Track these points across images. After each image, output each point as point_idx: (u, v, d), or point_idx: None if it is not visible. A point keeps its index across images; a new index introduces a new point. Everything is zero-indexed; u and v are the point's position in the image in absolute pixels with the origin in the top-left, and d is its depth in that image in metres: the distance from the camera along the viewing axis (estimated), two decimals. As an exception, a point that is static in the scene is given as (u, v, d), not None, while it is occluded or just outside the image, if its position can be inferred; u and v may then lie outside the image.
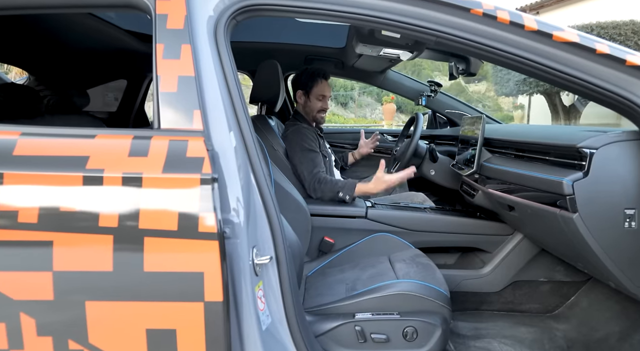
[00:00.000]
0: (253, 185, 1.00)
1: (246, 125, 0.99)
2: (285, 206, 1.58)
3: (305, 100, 2.06)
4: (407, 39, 1.50)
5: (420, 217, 1.77)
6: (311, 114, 2.06)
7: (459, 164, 1.90)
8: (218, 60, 1.01)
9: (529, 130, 1.59)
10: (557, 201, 1.12)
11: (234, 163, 0.95)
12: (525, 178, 1.28)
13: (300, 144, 1.90)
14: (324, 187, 1.81)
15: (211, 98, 0.98)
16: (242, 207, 0.95)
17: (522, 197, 1.34)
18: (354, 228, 1.77)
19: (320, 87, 2.03)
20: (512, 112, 16.80)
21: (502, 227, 1.74)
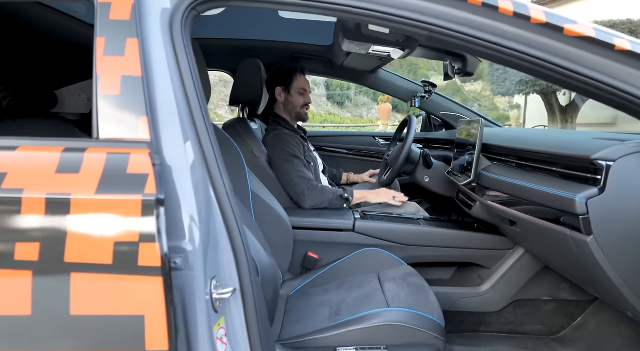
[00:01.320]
0: (214, 205, 0.85)
1: (206, 136, 0.84)
2: (264, 219, 1.44)
3: (285, 96, 1.92)
4: (397, 35, 1.35)
5: (413, 231, 1.62)
6: (294, 111, 1.93)
7: (454, 171, 1.76)
8: (174, 58, 0.85)
9: (533, 137, 1.44)
10: (567, 219, 0.98)
11: (189, 180, 0.80)
12: (529, 192, 1.13)
13: (283, 151, 1.76)
14: (320, 194, 1.71)
15: (163, 103, 0.82)
16: (199, 232, 0.80)
17: (525, 212, 1.19)
18: (340, 242, 1.62)
19: (301, 81, 1.91)
20: (509, 112, 16.76)
21: (501, 240, 1.59)
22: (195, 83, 0.86)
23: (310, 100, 1.97)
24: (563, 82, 0.89)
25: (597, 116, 11.50)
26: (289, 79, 1.90)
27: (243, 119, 1.89)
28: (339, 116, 17.94)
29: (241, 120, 1.88)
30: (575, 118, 11.17)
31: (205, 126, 0.85)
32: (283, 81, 1.91)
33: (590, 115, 11.18)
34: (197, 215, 0.79)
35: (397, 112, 17.22)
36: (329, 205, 1.72)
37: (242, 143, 1.80)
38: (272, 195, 1.52)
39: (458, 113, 2.32)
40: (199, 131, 0.84)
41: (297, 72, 1.91)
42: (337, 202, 1.73)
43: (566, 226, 0.98)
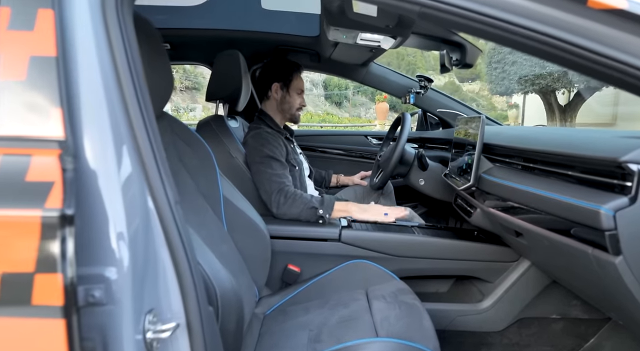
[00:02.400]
0: (153, 220, 0.67)
1: (145, 136, 0.67)
2: (237, 228, 1.27)
3: (283, 94, 1.74)
4: (385, 19, 1.18)
5: (406, 241, 1.45)
6: (289, 112, 1.76)
7: (452, 174, 1.59)
8: (104, 36, 0.67)
9: (541, 135, 1.27)
10: (589, 234, 0.81)
11: (117, 189, 0.63)
12: (539, 200, 0.96)
13: (259, 151, 1.58)
14: (292, 204, 1.50)
15: (86, 93, 0.64)
16: (129, 254, 0.62)
17: (533, 222, 1.02)
18: (324, 253, 1.45)
19: (299, 81, 1.75)
20: (507, 111, 16.66)
21: (505, 251, 1.42)
22: (134, 71, 0.68)
23: (305, 103, 1.81)
24: (586, 68, 0.71)
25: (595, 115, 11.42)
26: (289, 77, 1.73)
27: (220, 116, 1.72)
28: (336, 116, 17.82)
29: (218, 117, 1.71)
30: (574, 118, 11.07)
31: (145, 124, 0.67)
32: (282, 77, 1.74)
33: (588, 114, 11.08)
34: (128, 233, 0.62)
35: (395, 112, 17.09)
36: (299, 217, 1.49)
37: (216, 143, 1.62)
38: (246, 201, 1.35)
39: (456, 110, 2.15)
40: (135, 130, 0.67)
41: (297, 70, 1.75)
42: (309, 215, 1.49)
43: (587, 242, 0.81)
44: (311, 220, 1.49)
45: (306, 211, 1.49)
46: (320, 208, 1.48)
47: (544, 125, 11.81)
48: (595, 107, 11.04)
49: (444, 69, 1.52)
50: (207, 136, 1.65)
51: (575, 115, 10.94)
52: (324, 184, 2.14)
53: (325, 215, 1.48)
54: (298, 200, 1.50)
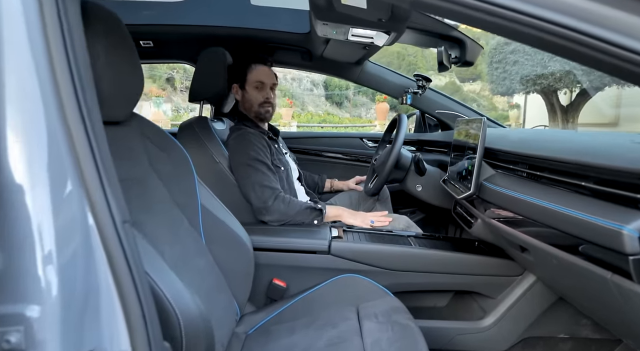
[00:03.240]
0: (96, 244, 0.57)
1: (85, 145, 0.57)
2: (216, 240, 1.16)
3: (242, 93, 1.64)
4: (376, 12, 1.07)
5: (401, 253, 1.34)
6: (252, 109, 1.63)
7: (451, 180, 1.47)
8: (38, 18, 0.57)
9: (549, 139, 1.16)
10: (608, 257, 0.70)
11: (48, 208, 0.53)
12: (547, 214, 0.85)
13: (245, 154, 1.48)
14: (284, 206, 1.43)
15: (13, 96, 0.54)
16: (60, 286, 0.51)
17: (541, 238, 0.91)
18: (313, 266, 1.34)
19: (257, 73, 1.60)
20: (508, 112, 16.53)
21: (508, 265, 1.31)
22: (75, 70, 0.57)
23: (271, 96, 1.63)
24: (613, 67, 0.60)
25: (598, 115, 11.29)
26: (242, 72, 1.61)
27: (203, 118, 1.61)
28: (337, 116, 17.71)
29: (201, 119, 1.60)
30: (576, 118, 10.94)
31: (86, 131, 0.57)
32: (236, 76, 1.63)
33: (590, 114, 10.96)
34: (60, 259, 0.51)
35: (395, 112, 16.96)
36: (295, 218, 1.45)
37: (198, 146, 1.52)
38: (227, 211, 1.24)
39: (455, 111, 2.04)
40: (73, 137, 0.56)
41: (253, 63, 1.61)
42: (306, 215, 1.46)
43: (605, 266, 0.70)
44: (307, 220, 1.46)
45: (304, 211, 1.46)
46: (318, 205, 1.47)
47: (546, 125, 11.69)
48: (598, 107, 10.92)
49: (442, 67, 1.41)
50: (189, 139, 1.55)
51: (578, 115, 10.83)
52: (317, 189, 2.02)
53: (323, 209, 1.47)
54: (294, 202, 1.46)
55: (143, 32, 1.85)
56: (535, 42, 0.67)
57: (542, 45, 0.66)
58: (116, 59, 0.87)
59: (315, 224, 1.46)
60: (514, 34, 0.67)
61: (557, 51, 0.65)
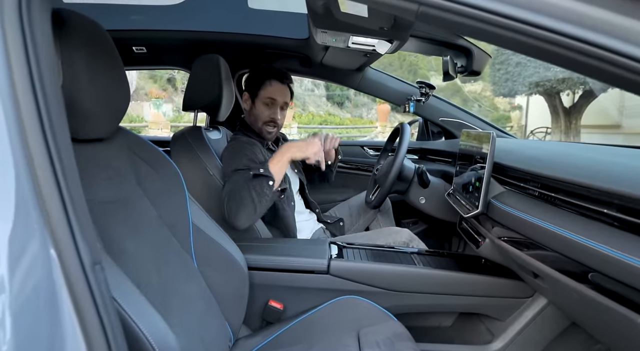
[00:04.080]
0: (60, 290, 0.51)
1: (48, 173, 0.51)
2: (209, 261, 1.09)
3: (250, 105, 1.57)
4: (378, 21, 1.00)
5: (404, 273, 1.27)
6: (256, 125, 1.57)
7: (456, 194, 1.41)
8: None
9: (565, 156, 1.09)
10: (635, 296, 0.63)
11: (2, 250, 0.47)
12: (564, 243, 0.78)
13: (236, 162, 1.40)
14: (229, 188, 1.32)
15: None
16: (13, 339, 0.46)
17: (557, 268, 0.84)
18: (311, 287, 1.27)
19: (270, 90, 1.52)
20: (510, 113, 16.44)
21: (518, 286, 1.24)
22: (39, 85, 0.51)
23: (278, 116, 1.56)
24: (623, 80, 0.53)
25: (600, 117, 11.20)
26: (257, 84, 1.54)
27: (197, 128, 1.54)
28: (338, 116, 17.66)
29: (195, 129, 1.53)
30: (579, 120, 10.85)
31: (49, 157, 0.50)
32: (250, 86, 1.56)
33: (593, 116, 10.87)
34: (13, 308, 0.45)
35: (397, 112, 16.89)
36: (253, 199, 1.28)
37: (192, 158, 1.45)
38: (220, 229, 1.17)
39: (460, 119, 1.96)
40: (35, 166, 0.50)
41: (269, 77, 1.53)
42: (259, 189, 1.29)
43: (633, 307, 0.63)
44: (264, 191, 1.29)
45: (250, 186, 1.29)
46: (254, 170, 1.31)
47: (548, 127, 11.61)
48: (601, 108, 10.84)
49: (448, 77, 1.34)
50: (182, 151, 1.48)
51: (581, 117, 10.75)
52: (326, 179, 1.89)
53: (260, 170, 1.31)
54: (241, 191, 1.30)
55: (136, 38, 1.78)
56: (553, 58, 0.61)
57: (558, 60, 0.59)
58: (98, 71, 0.81)
59: (270, 187, 1.30)
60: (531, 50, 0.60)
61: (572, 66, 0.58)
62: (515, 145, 1.39)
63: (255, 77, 1.55)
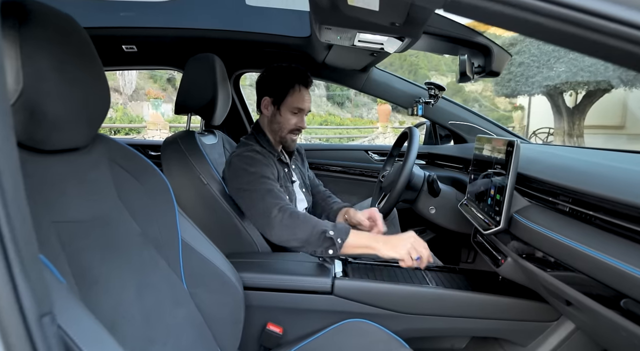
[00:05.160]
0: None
1: None
2: (201, 282, 0.98)
3: (273, 111, 1.42)
4: (391, 14, 0.89)
5: (416, 294, 1.15)
6: (279, 133, 1.44)
7: (471, 205, 1.29)
8: None
9: (598, 165, 0.97)
10: None
11: None
12: (606, 271, 0.67)
13: (246, 171, 1.28)
14: (296, 223, 1.14)
15: None
16: None
17: (595, 298, 0.73)
18: (313, 309, 1.16)
19: (298, 97, 1.39)
20: (511, 113, 16.33)
21: (541, 308, 1.13)
22: None
23: (304, 125, 1.44)
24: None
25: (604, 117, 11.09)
26: (283, 90, 1.39)
27: (191, 133, 1.43)
28: (338, 116, 17.57)
29: (188, 134, 1.42)
30: (582, 120, 10.74)
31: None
32: (274, 91, 1.41)
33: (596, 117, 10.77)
34: None
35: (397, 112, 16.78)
36: (304, 244, 1.13)
37: (184, 166, 1.34)
38: (212, 245, 1.06)
39: (471, 122, 1.85)
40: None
41: (298, 83, 1.39)
42: (318, 242, 1.11)
43: None
44: (317, 250, 1.13)
45: (316, 237, 1.11)
46: (332, 231, 1.11)
47: (551, 128, 11.51)
48: (604, 109, 10.74)
49: (464, 77, 1.22)
50: (173, 158, 1.37)
51: (584, 117, 10.65)
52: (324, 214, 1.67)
53: (337, 239, 1.10)
54: (304, 219, 1.15)
55: (126, 36, 1.67)
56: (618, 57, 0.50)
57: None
58: (69, 72, 0.70)
59: (330, 255, 1.13)
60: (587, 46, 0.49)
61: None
62: (536, 152, 1.27)
63: (279, 81, 1.40)
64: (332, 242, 1.11)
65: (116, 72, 11.72)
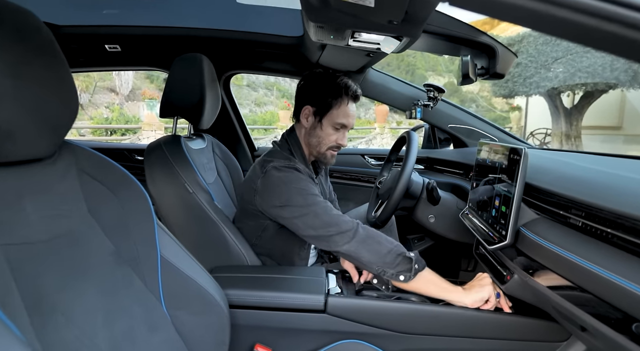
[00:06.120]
0: None
1: None
2: (181, 302, 0.90)
3: (314, 123, 1.28)
4: (388, 11, 0.81)
5: (415, 312, 1.07)
6: (316, 148, 1.30)
7: (473, 215, 1.21)
8: None
9: (614, 176, 0.90)
10: None
11: None
12: (625, 297, 0.60)
13: (298, 190, 1.15)
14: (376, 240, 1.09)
15: None
16: None
17: (613, 326, 0.65)
18: (305, 328, 1.08)
19: (344, 112, 1.25)
20: (509, 113, 16.30)
21: (550, 327, 1.05)
22: None
23: (345, 143, 1.30)
24: None
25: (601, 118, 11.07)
26: (328, 101, 1.25)
27: (176, 137, 1.35)
28: (336, 117, 17.49)
29: (173, 138, 1.34)
30: (580, 121, 10.71)
31: None
32: (319, 101, 1.26)
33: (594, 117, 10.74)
34: None
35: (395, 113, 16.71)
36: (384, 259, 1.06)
37: (167, 173, 1.26)
38: (194, 261, 0.97)
39: (472, 126, 1.77)
40: None
41: (347, 95, 1.26)
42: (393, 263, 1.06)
43: None
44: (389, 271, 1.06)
45: (392, 253, 1.07)
46: (413, 254, 1.08)
47: (549, 128, 11.48)
48: (602, 110, 10.72)
49: (466, 79, 1.14)
50: (157, 164, 1.29)
51: (582, 118, 10.63)
52: None
53: (415, 265, 1.06)
54: (382, 238, 1.10)
55: (109, 35, 1.58)
56: None
57: None
58: (28, 74, 0.62)
59: (401, 281, 1.06)
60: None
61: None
62: (544, 160, 1.20)
63: (326, 90, 1.25)
64: (408, 267, 1.06)
65: (112, 72, 11.62)
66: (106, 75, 11.97)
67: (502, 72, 1.13)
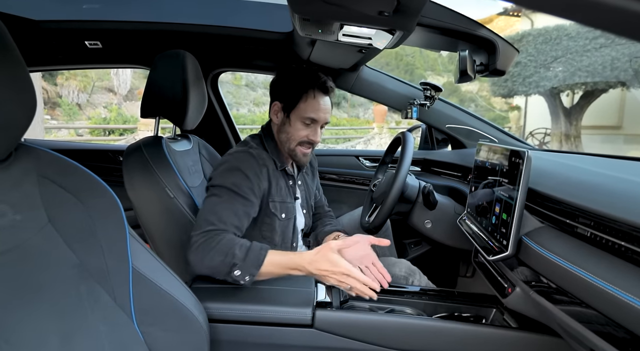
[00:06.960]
0: None
1: None
2: (156, 319, 0.82)
3: (283, 119, 1.23)
4: (380, 2, 0.74)
5: (410, 327, 1.00)
6: (287, 144, 1.24)
7: (472, 221, 1.14)
8: None
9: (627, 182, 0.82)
10: None
11: None
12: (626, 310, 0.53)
13: (222, 177, 1.12)
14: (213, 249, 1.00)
15: None
16: None
17: (598, 331, 0.58)
18: (291, 344, 1.00)
19: (311, 105, 1.19)
20: (508, 113, 16.23)
21: (553, 343, 0.98)
22: None
23: (318, 138, 1.23)
24: None
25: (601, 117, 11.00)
26: (295, 95, 1.20)
27: (158, 138, 1.27)
28: (335, 116, 17.45)
29: (154, 140, 1.26)
30: (579, 120, 10.64)
31: None
32: (286, 95, 1.21)
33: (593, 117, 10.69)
34: None
35: (393, 113, 16.65)
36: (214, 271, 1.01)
37: (146, 177, 1.18)
38: (171, 273, 0.90)
39: (470, 126, 1.70)
40: None
41: (313, 87, 1.19)
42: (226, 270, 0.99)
43: None
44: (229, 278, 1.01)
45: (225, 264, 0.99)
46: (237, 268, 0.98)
47: (548, 128, 11.43)
48: (602, 109, 10.67)
49: (465, 77, 1.06)
50: (136, 168, 1.21)
51: (581, 117, 10.57)
52: None
53: (245, 277, 0.99)
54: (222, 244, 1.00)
55: (88, 30, 1.50)
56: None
57: None
58: None
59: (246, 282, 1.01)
60: None
61: None
62: (548, 162, 1.12)
63: (291, 84, 1.21)
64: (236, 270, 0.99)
65: (110, 72, 11.54)
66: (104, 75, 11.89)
67: (503, 69, 1.05)
